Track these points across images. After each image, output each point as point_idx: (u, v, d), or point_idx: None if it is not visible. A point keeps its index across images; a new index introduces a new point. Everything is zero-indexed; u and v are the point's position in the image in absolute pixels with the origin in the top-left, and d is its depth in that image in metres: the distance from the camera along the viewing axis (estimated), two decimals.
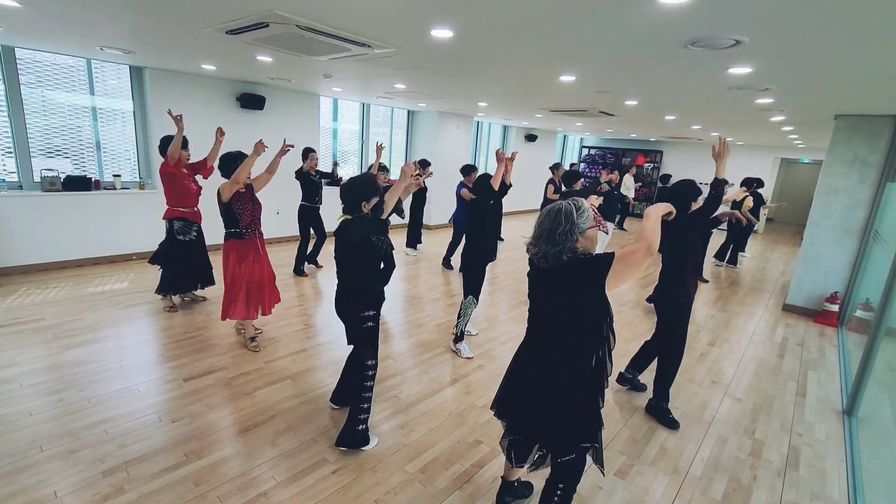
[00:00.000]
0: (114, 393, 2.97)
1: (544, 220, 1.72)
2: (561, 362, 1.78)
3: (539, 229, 1.73)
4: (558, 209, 1.71)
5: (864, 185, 5.23)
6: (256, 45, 3.61)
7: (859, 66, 2.96)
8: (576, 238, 1.67)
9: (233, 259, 3.54)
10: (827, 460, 2.85)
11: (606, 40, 2.78)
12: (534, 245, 1.75)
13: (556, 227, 1.67)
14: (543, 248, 1.70)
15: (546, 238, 1.69)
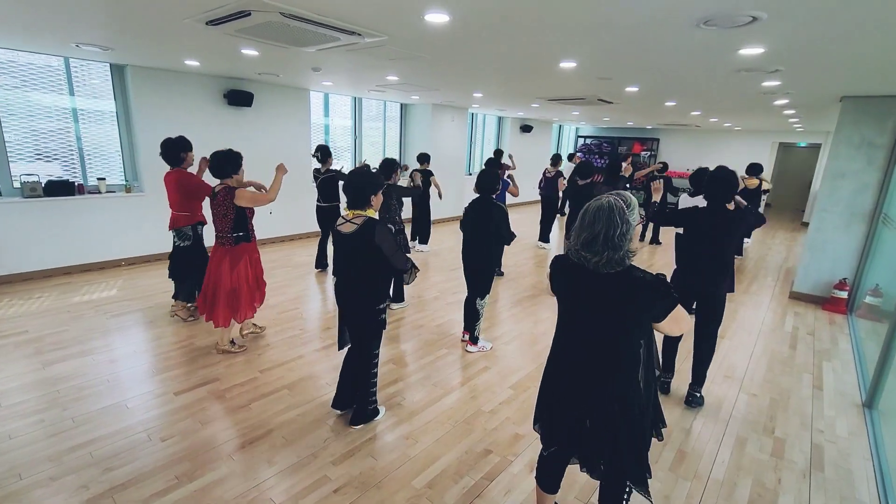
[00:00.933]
0: (100, 411, 2.81)
1: (596, 223, 1.53)
2: (616, 379, 1.64)
3: (590, 232, 1.54)
4: (609, 208, 1.53)
5: (872, 168, 5.09)
6: (240, 37, 3.41)
7: (875, 43, 2.81)
8: (630, 237, 1.55)
9: (245, 262, 3.47)
10: (852, 459, 2.73)
11: (613, 20, 2.60)
12: (590, 250, 1.55)
13: (612, 230, 1.51)
14: (606, 254, 1.52)
15: (604, 242, 1.52)
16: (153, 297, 4.71)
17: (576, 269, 1.63)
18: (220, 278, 3.40)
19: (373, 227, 2.41)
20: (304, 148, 7.41)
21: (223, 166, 3.30)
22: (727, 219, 2.92)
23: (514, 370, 3.56)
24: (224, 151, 3.31)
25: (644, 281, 1.54)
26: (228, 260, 3.39)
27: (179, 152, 3.92)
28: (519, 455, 2.59)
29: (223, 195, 3.29)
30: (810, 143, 12.14)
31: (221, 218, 3.32)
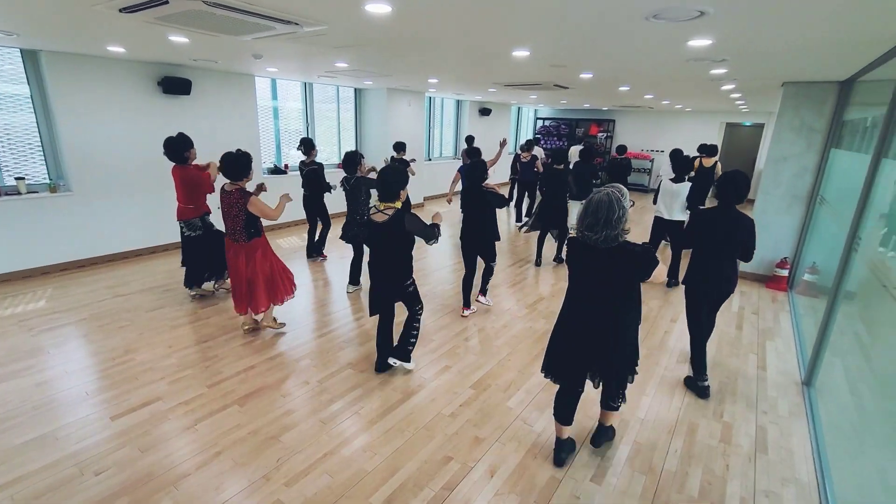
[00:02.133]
0: (24, 444, 2.56)
1: (599, 210, 2.03)
2: (612, 308, 2.23)
3: (594, 218, 2.05)
4: (610, 199, 2.02)
5: (811, 152, 5.32)
6: (163, 25, 3.09)
7: (811, 32, 2.86)
8: (626, 220, 2.05)
9: (261, 255, 3.66)
10: (793, 438, 2.88)
11: (562, 13, 2.51)
12: (592, 231, 2.06)
13: (612, 214, 2.01)
14: (605, 233, 2.04)
15: (605, 224, 2.03)
16: (87, 307, 4.36)
17: (584, 246, 2.18)
18: (238, 271, 3.63)
19: (402, 217, 2.94)
20: (252, 136, 7.00)
21: (237, 169, 3.43)
22: (736, 221, 2.98)
23: (475, 368, 3.54)
24: (236, 154, 3.43)
25: (636, 251, 2.09)
26: (244, 255, 3.60)
27: (183, 151, 4.20)
28: (479, 460, 2.57)
29: (237, 197, 3.43)
30: (755, 123, 12.66)
31: (233, 218, 3.49)
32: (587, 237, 2.09)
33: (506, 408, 3.06)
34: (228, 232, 3.58)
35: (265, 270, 3.67)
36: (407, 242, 3.04)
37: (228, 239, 3.61)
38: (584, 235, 2.10)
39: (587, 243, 2.12)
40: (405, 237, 2.99)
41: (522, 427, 2.87)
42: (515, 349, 3.85)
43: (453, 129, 11.88)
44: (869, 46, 3.13)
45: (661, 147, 13.36)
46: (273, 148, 7.75)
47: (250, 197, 3.43)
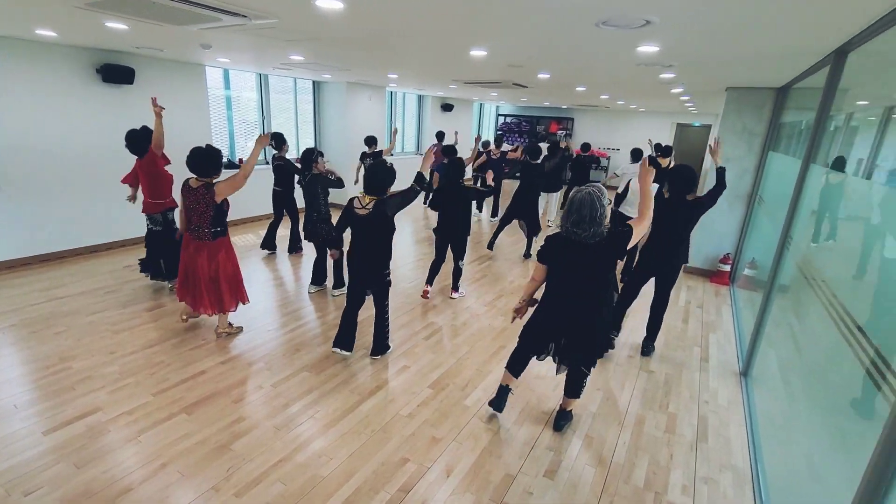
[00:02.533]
0: None
1: (583, 207, 2.23)
2: (598, 301, 2.44)
3: (578, 215, 2.24)
4: (592, 198, 2.22)
5: (752, 154, 5.65)
6: (96, 11, 2.89)
7: (748, 46, 3.03)
8: (607, 216, 2.27)
9: (224, 255, 3.55)
10: (731, 427, 3.07)
11: (518, 15, 2.53)
12: (579, 227, 2.25)
13: (595, 212, 2.22)
14: (592, 229, 2.24)
15: (590, 221, 2.23)
16: (18, 311, 4.05)
17: (570, 242, 2.34)
18: (196, 270, 3.46)
19: (382, 205, 3.11)
20: (203, 129, 6.69)
21: (206, 165, 3.31)
22: (688, 208, 3.50)
23: (434, 367, 3.55)
24: (205, 150, 3.29)
25: (614, 233, 2.31)
26: (206, 253, 3.45)
27: (145, 144, 4.16)
28: (436, 460, 2.58)
29: (202, 192, 3.31)
30: (703, 124, 13.30)
31: (199, 214, 3.34)
32: (575, 234, 2.25)
33: (463, 406, 3.09)
34: (191, 228, 3.43)
35: (228, 271, 3.58)
36: (388, 230, 3.22)
37: (188, 235, 3.46)
38: (572, 232, 2.26)
39: (572, 239, 2.29)
40: (387, 225, 3.18)
41: (479, 425, 2.91)
42: (474, 347, 3.89)
43: (415, 124, 11.79)
44: (801, 58, 3.35)
45: (616, 145, 13.82)
46: (226, 140, 7.41)
47: (213, 187, 3.33)
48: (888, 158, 2.47)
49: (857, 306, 2.08)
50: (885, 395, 1.58)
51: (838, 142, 3.25)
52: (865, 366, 1.79)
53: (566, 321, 2.50)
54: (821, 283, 2.59)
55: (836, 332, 2.16)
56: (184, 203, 3.42)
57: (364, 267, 3.31)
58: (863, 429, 1.88)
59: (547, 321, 2.58)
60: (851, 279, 2.35)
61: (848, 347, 1.99)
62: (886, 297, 1.91)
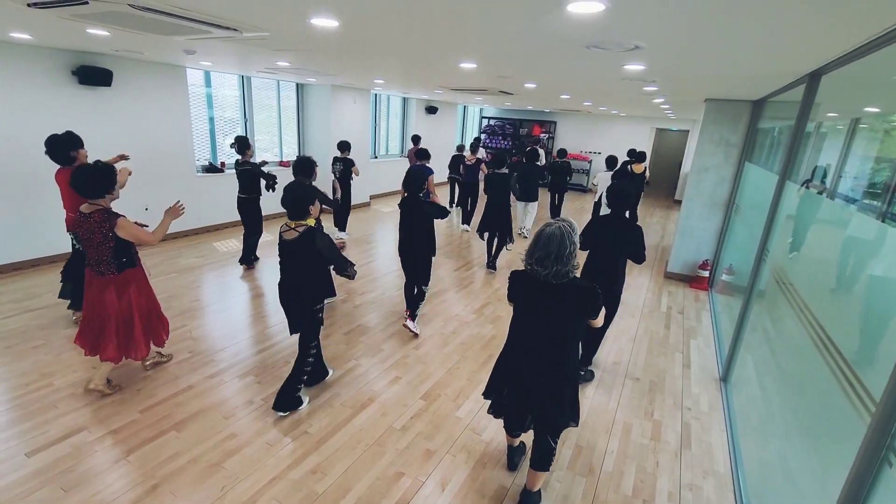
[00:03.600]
0: None
1: (550, 244, 1.96)
2: (562, 361, 2.13)
3: (544, 251, 1.97)
4: (561, 233, 1.97)
5: (728, 164, 5.85)
6: (81, 21, 2.81)
7: (728, 67, 3.16)
8: (575, 255, 2.00)
9: (134, 289, 3.01)
10: (712, 433, 3.19)
11: (509, 36, 2.58)
12: (542, 266, 1.98)
13: (563, 250, 1.95)
14: (556, 268, 1.97)
15: (556, 259, 1.96)
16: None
17: (532, 280, 2.08)
18: (105, 308, 2.91)
19: (313, 234, 2.70)
20: (184, 132, 6.55)
21: (93, 185, 2.75)
22: (624, 228, 3.35)
23: (425, 378, 3.58)
24: (90, 168, 2.74)
25: (584, 289, 2.04)
26: (113, 289, 2.91)
27: (68, 151, 3.60)
28: (430, 474, 2.62)
29: (98, 220, 2.74)
30: (681, 129, 13.65)
31: (97, 246, 2.79)
32: (536, 272, 2.00)
33: (455, 418, 3.13)
34: (91, 263, 2.87)
35: (142, 307, 3.05)
36: (318, 261, 2.81)
37: (90, 272, 2.90)
38: (534, 270, 2.01)
39: (535, 277, 2.03)
40: (314, 257, 2.76)
41: (472, 437, 2.95)
42: (464, 356, 3.93)
43: (399, 127, 11.77)
44: (777, 78, 3.50)
45: (598, 149, 14.05)
46: (207, 143, 7.26)
47: (118, 219, 2.77)
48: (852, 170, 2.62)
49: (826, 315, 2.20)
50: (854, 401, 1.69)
51: (811, 156, 3.42)
52: (835, 371, 1.91)
53: (525, 364, 2.20)
54: (793, 292, 2.73)
55: (808, 339, 2.28)
56: (79, 234, 2.84)
57: (293, 299, 2.90)
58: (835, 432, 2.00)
59: (506, 366, 2.31)
60: (823, 289, 2.48)
61: (819, 355, 2.10)
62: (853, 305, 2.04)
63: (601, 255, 3.45)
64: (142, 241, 2.90)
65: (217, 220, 7.24)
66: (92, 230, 2.75)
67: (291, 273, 2.86)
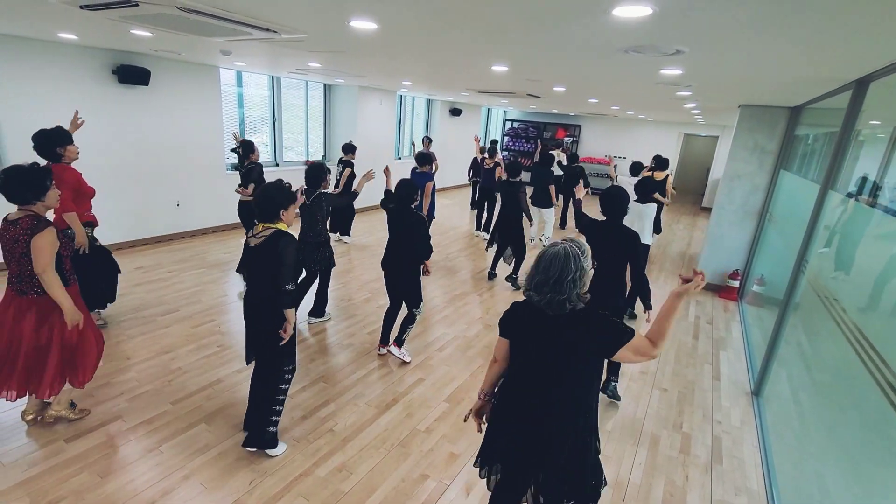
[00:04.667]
0: None
1: (551, 266, 1.57)
2: (571, 411, 1.66)
3: (544, 275, 1.58)
4: (565, 254, 1.58)
5: (763, 171, 5.68)
6: (128, 23, 2.91)
7: (769, 71, 3.06)
8: (583, 283, 1.59)
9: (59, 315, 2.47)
10: (744, 448, 3.09)
11: (547, 39, 2.56)
12: (537, 293, 1.60)
13: (565, 275, 1.56)
14: (550, 296, 1.57)
15: (554, 285, 1.56)
16: None
17: (532, 313, 1.66)
18: (21, 336, 2.44)
19: (278, 238, 2.36)
20: (216, 131, 6.71)
21: (22, 189, 2.32)
22: (622, 235, 3.11)
23: (449, 380, 3.57)
24: (22, 169, 2.33)
25: (588, 318, 1.60)
26: (35, 312, 2.43)
27: (54, 147, 3.34)
28: (455, 478, 2.61)
29: (24, 227, 2.31)
30: (709, 135, 13.35)
31: (19, 258, 2.35)
32: (532, 298, 1.63)
33: None
34: (11, 279, 2.43)
35: (69, 338, 2.51)
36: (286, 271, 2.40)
37: (9, 290, 2.46)
38: (529, 296, 1.64)
39: (535, 308, 1.64)
40: (283, 265, 2.37)
41: None
42: (488, 360, 3.90)
43: (424, 128, 11.82)
44: (818, 85, 3.38)
45: (623, 153, 13.85)
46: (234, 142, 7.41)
47: (45, 227, 2.32)
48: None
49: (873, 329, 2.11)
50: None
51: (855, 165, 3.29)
52: (888, 392, 1.82)
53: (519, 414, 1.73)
54: (839, 309, 2.63)
55: (855, 358, 2.19)
56: (2, 246, 2.41)
57: (254, 318, 2.52)
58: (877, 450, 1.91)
59: (499, 415, 1.82)
60: (869, 302, 2.38)
61: (868, 375, 2.02)
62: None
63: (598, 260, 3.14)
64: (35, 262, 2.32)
65: (217, 221, 7.37)
66: (15, 239, 2.33)
67: (255, 285, 2.49)
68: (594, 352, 1.61)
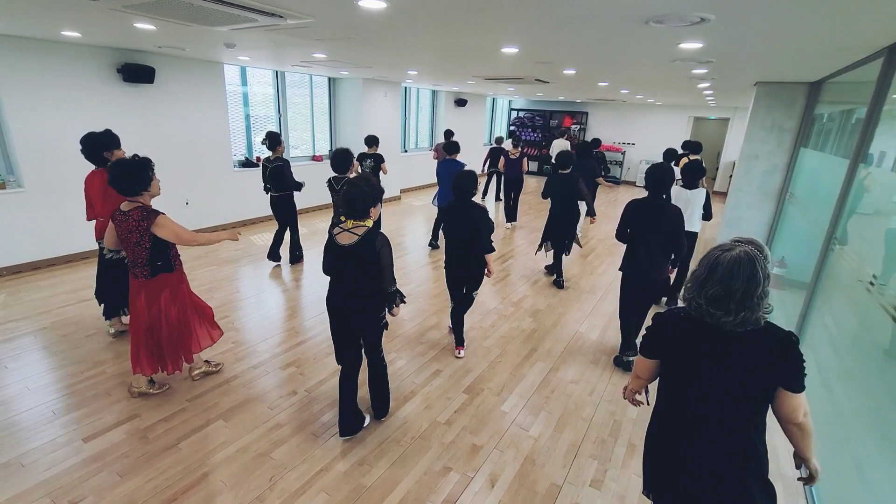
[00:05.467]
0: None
1: (735, 278, 1.31)
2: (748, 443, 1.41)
3: (724, 287, 1.32)
4: (751, 261, 1.31)
5: (781, 150, 5.51)
6: (133, 13, 2.84)
7: (796, 40, 2.91)
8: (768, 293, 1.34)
9: (166, 298, 2.81)
10: (775, 434, 2.98)
11: (563, 15, 2.45)
12: (720, 308, 1.34)
13: (753, 287, 1.30)
14: (742, 315, 1.32)
15: (741, 300, 1.31)
16: (47, 313, 4.06)
17: (694, 326, 1.42)
18: (138, 316, 2.79)
19: (375, 236, 2.39)
20: (222, 127, 6.66)
21: (129, 182, 2.57)
22: (664, 209, 3.22)
23: (466, 371, 3.50)
24: (123, 163, 2.57)
25: (783, 341, 1.33)
26: (144, 295, 2.76)
27: (101, 151, 3.34)
28: (478, 470, 2.54)
29: (137, 218, 2.60)
30: (719, 117, 13.08)
31: (134, 246, 2.65)
32: (711, 315, 1.37)
33: (501, 412, 3.04)
34: (130, 264, 2.76)
35: (172, 318, 2.84)
36: (378, 263, 2.43)
37: (129, 274, 2.79)
38: (706, 312, 1.38)
39: (702, 322, 1.41)
40: (376, 258, 2.39)
41: (519, 432, 2.86)
42: (505, 350, 3.83)
43: (429, 120, 11.71)
44: (847, 53, 3.23)
45: (632, 139, 13.62)
46: (243, 138, 7.39)
47: (156, 217, 2.62)
48: None
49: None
50: None
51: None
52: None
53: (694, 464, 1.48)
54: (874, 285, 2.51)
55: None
56: (118, 235, 2.70)
57: (351, 308, 2.52)
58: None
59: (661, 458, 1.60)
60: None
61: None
62: None
63: (639, 239, 3.31)
64: (182, 240, 2.70)
65: (253, 214, 7.35)
66: (129, 229, 2.62)
67: (351, 281, 2.47)
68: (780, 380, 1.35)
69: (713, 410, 1.42)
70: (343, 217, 2.43)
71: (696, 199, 4.45)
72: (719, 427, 1.42)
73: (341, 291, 2.52)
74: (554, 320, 4.44)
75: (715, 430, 1.43)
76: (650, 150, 13.36)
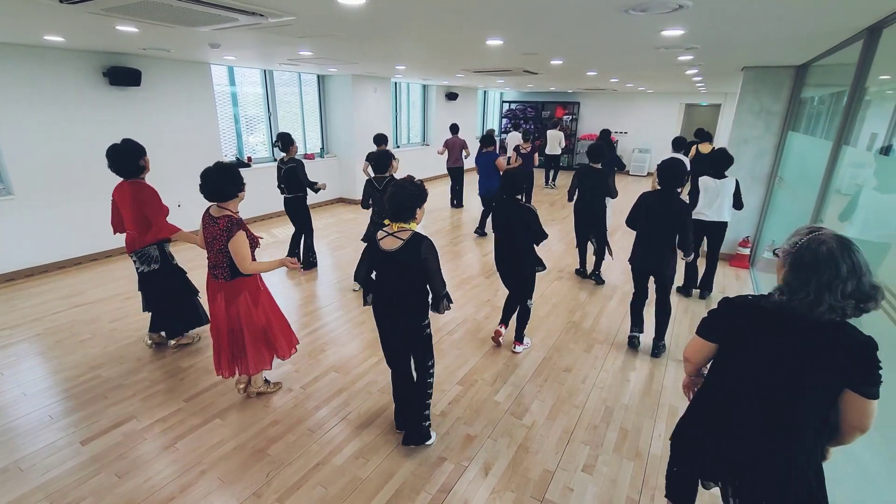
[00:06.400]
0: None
1: (825, 266, 1.24)
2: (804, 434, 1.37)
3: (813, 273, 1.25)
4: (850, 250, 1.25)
5: (770, 134, 5.54)
6: (112, 17, 2.83)
7: (776, 24, 2.94)
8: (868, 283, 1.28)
9: (247, 299, 2.80)
10: None
11: (543, 3, 2.45)
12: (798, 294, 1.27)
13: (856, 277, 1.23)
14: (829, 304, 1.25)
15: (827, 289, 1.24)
16: (41, 320, 4.07)
17: (769, 317, 1.35)
18: (217, 318, 2.81)
19: (419, 242, 2.28)
20: (211, 129, 6.64)
21: (218, 189, 2.58)
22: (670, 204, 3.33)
23: (461, 363, 3.53)
24: (214, 170, 2.56)
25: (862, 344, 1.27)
26: (223, 297, 2.76)
27: (138, 160, 3.24)
28: (472, 459, 2.58)
29: (223, 227, 2.59)
30: (711, 103, 13.09)
31: (217, 252, 2.68)
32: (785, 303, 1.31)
33: (494, 402, 3.08)
34: (209, 265, 2.78)
35: (252, 321, 2.83)
36: (423, 270, 2.33)
37: (209, 274, 2.82)
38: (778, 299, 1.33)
39: (770, 310, 1.35)
40: (421, 264, 2.29)
41: (512, 421, 2.90)
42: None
43: (420, 115, 11.68)
44: (829, 36, 3.25)
45: (624, 128, 13.63)
46: (233, 139, 7.37)
47: (237, 231, 2.59)
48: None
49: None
50: None
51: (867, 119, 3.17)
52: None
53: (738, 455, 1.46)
54: None
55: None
56: (204, 235, 2.73)
57: (395, 316, 2.45)
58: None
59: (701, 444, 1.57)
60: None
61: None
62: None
63: (647, 230, 3.47)
64: (242, 265, 2.63)
65: (248, 214, 7.35)
66: (215, 235, 2.63)
67: (392, 288, 2.41)
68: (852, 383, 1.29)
69: (771, 399, 1.38)
70: (387, 220, 2.34)
71: (726, 188, 4.40)
72: (776, 416, 1.38)
73: (382, 300, 2.45)
74: (547, 311, 4.48)
75: (769, 423, 1.39)
76: (643, 139, 13.38)
